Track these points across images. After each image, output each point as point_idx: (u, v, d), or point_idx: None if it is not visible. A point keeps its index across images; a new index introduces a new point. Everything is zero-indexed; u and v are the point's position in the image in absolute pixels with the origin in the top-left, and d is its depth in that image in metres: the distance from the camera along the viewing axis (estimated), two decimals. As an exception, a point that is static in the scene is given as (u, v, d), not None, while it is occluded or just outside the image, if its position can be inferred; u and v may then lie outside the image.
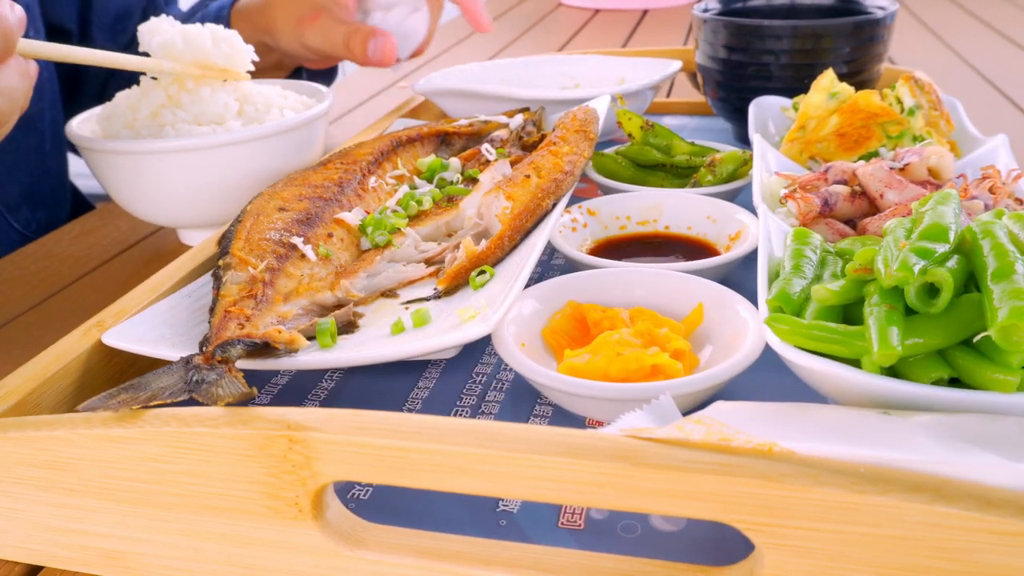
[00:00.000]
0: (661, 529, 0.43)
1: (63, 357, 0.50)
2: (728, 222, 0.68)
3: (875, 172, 0.61)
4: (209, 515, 0.40)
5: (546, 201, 0.65)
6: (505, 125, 0.83)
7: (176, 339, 0.52)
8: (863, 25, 0.87)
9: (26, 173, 1.00)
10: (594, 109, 0.80)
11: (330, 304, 0.56)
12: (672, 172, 0.80)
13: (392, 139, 0.76)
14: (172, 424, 0.39)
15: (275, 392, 0.57)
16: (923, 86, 0.76)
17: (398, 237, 0.62)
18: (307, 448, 0.37)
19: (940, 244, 0.42)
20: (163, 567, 0.42)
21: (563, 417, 0.52)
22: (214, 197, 0.76)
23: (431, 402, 0.54)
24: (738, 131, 1.00)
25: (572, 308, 0.56)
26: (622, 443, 0.35)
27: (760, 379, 0.54)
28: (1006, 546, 0.31)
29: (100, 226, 0.90)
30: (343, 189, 0.66)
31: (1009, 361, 0.39)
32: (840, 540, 0.33)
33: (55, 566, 0.44)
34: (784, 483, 0.33)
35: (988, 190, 0.58)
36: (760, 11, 1.01)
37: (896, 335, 0.39)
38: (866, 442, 0.36)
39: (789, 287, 0.47)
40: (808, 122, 0.76)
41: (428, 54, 1.68)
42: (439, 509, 0.45)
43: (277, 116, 0.79)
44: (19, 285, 0.77)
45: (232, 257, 0.56)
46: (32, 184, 1.01)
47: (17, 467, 0.41)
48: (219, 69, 0.77)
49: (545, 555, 0.39)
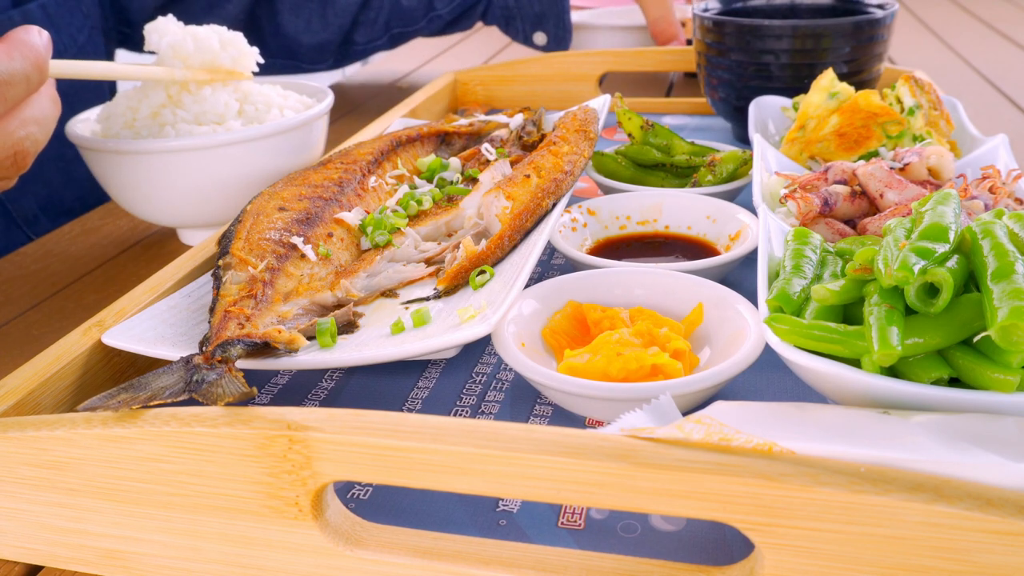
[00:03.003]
0: (661, 529, 0.43)
1: (63, 357, 0.50)
2: (728, 222, 0.68)
3: (875, 172, 0.61)
4: (209, 515, 0.40)
5: (546, 201, 0.65)
6: (505, 125, 0.83)
7: (176, 339, 0.52)
8: (863, 25, 0.87)
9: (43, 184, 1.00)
10: (594, 109, 0.80)
11: (330, 304, 0.56)
12: (672, 172, 0.80)
13: (392, 139, 0.76)
14: (172, 424, 0.39)
15: (275, 392, 0.57)
16: (923, 86, 0.76)
17: (398, 237, 0.62)
18: (307, 448, 0.37)
19: (940, 244, 0.42)
20: (163, 567, 0.42)
21: (563, 417, 0.52)
22: (214, 197, 0.76)
23: (431, 402, 0.54)
24: (738, 131, 1.00)
25: (572, 308, 0.57)
26: (622, 443, 0.35)
27: (760, 379, 0.54)
28: (1006, 546, 0.31)
29: (100, 226, 0.90)
30: (343, 189, 0.66)
31: (1009, 361, 0.39)
32: (840, 540, 0.33)
33: (55, 566, 0.44)
34: (784, 483, 0.33)
35: (988, 190, 0.58)
36: (760, 11, 1.01)
37: (896, 335, 0.39)
38: (866, 442, 0.36)
39: (789, 287, 0.47)
40: (808, 122, 0.76)
41: (428, 54, 1.68)
42: (439, 509, 0.45)
43: (277, 116, 0.79)
44: (19, 285, 0.77)
45: (232, 257, 0.56)
46: (51, 195, 1.01)
47: (17, 467, 0.41)
48: (225, 71, 0.77)
49: (545, 555, 0.39)
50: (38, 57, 0.55)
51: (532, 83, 1.16)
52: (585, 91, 1.14)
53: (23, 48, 0.54)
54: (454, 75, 1.16)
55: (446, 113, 1.12)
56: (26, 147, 0.57)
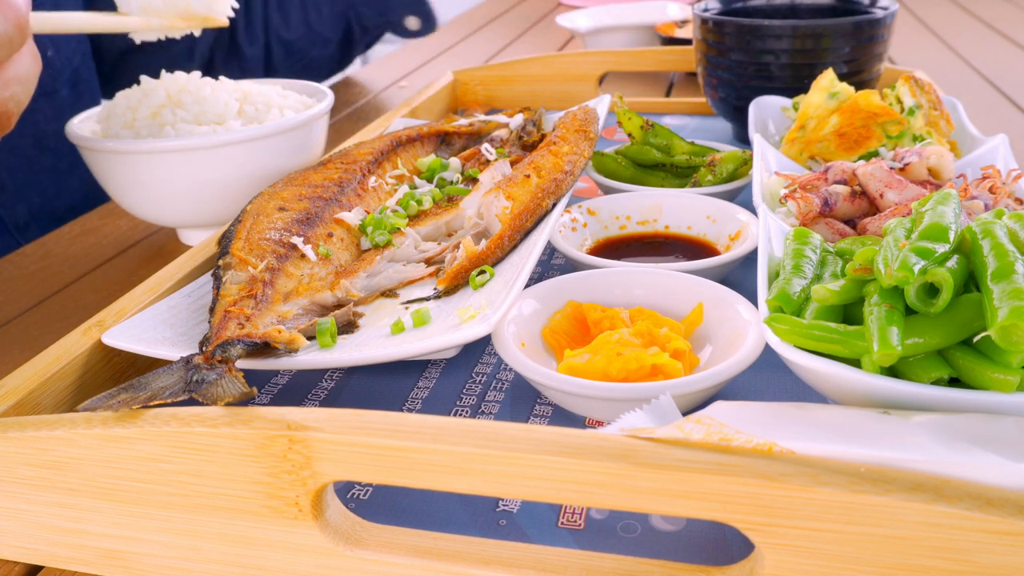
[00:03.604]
0: (661, 529, 0.43)
1: (63, 357, 0.50)
2: (728, 222, 0.68)
3: (875, 172, 0.61)
4: (209, 515, 0.40)
5: (546, 201, 0.65)
6: (505, 125, 0.83)
7: (176, 339, 0.52)
8: (863, 25, 0.87)
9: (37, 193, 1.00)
10: (594, 109, 0.80)
11: (330, 304, 0.56)
12: (672, 172, 0.80)
13: (392, 139, 0.76)
14: (172, 424, 0.39)
15: (275, 392, 0.57)
16: (923, 86, 0.76)
17: (398, 237, 0.62)
18: (307, 448, 0.37)
19: (940, 244, 0.42)
20: (163, 567, 0.42)
21: (563, 417, 0.52)
22: (214, 197, 0.76)
23: (431, 402, 0.54)
24: (738, 131, 1.00)
25: (572, 308, 0.57)
26: (622, 443, 0.35)
27: (760, 379, 0.54)
28: (1006, 546, 0.31)
29: (100, 226, 0.90)
30: (343, 189, 0.66)
31: (1009, 361, 0.39)
32: (840, 540, 0.33)
33: (55, 566, 0.44)
34: (784, 483, 0.33)
35: (988, 190, 0.58)
36: (760, 11, 1.01)
37: (896, 335, 0.39)
38: (866, 442, 0.36)
39: (789, 287, 0.47)
40: (808, 122, 0.76)
41: (428, 54, 1.68)
42: (439, 509, 0.45)
43: (277, 116, 0.79)
44: (19, 285, 0.77)
45: (232, 257, 0.56)
46: (44, 204, 1.01)
47: (17, 467, 0.41)
48: (200, 18, 0.76)
49: (545, 555, 0.39)
50: (19, 17, 0.53)
51: (532, 83, 1.16)
52: (585, 91, 1.14)
53: (4, 9, 0.52)
54: (454, 75, 1.16)
55: (446, 113, 1.12)
56: (10, 108, 0.55)
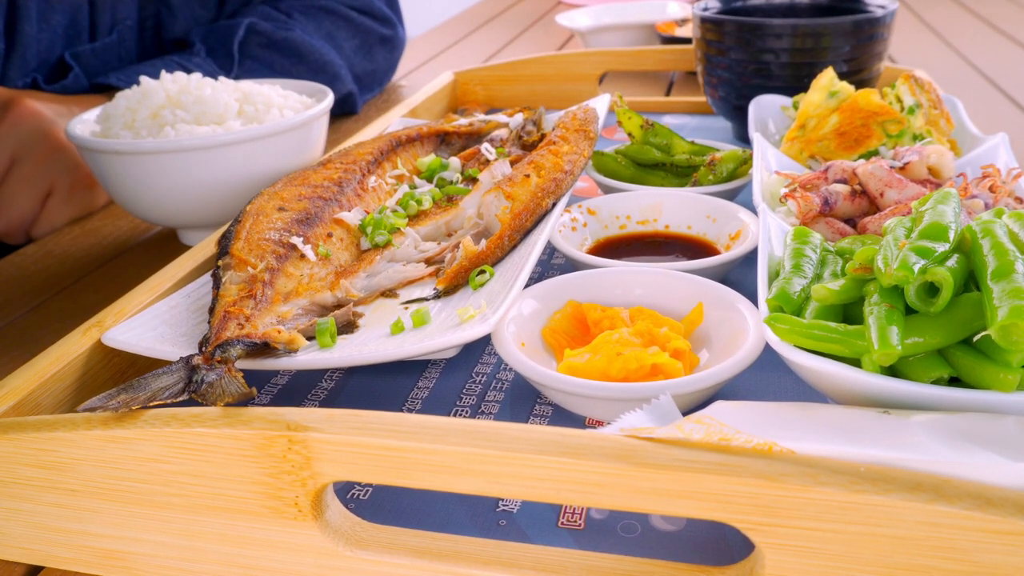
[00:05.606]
0: (661, 529, 0.43)
1: (63, 357, 0.50)
2: (728, 221, 0.68)
3: (875, 171, 0.60)
4: (209, 515, 0.40)
5: (546, 200, 0.65)
6: (505, 124, 0.83)
7: (176, 339, 0.52)
8: (863, 24, 0.87)
9: None
10: (594, 108, 0.80)
11: (330, 304, 0.56)
12: (672, 171, 0.80)
13: (392, 139, 0.76)
14: (172, 424, 0.39)
15: (275, 392, 0.57)
16: (923, 85, 0.76)
17: (398, 237, 0.62)
18: (307, 448, 0.37)
19: (940, 243, 0.42)
20: (162, 567, 0.42)
21: (563, 417, 0.52)
22: (214, 197, 0.76)
23: (431, 402, 0.54)
24: (738, 130, 1.00)
25: (572, 308, 0.56)
26: (622, 443, 0.35)
27: (760, 379, 0.54)
28: (1006, 546, 0.31)
29: (100, 226, 0.90)
30: (343, 189, 0.66)
31: (1009, 360, 0.39)
32: (840, 540, 0.33)
33: (55, 566, 0.44)
34: (784, 483, 0.33)
35: (988, 189, 0.58)
36: (760, 10, 1.01)
37: (896, 334, 0.39)
38: (866, 441, 0.36)
39: (789, 286, 0.47)
40: (808, 121, 0.76)
41: (428, 53, 1.68)
42: (439, 509, 0.45)
43: (277, 116, 0.79)
44: (19, 285, 0.77)
45: (232, 257, 0.56)
46: None
47: (17, 467, 0.41)
48: None
49: (545, 555, 0.39)
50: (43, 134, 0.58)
51: (532, 83, 1.16)
52: (585, 91, 1.14)
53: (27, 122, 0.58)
54: (454, 75, 1.16)
55: (446, 113, 1.12)
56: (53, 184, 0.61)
